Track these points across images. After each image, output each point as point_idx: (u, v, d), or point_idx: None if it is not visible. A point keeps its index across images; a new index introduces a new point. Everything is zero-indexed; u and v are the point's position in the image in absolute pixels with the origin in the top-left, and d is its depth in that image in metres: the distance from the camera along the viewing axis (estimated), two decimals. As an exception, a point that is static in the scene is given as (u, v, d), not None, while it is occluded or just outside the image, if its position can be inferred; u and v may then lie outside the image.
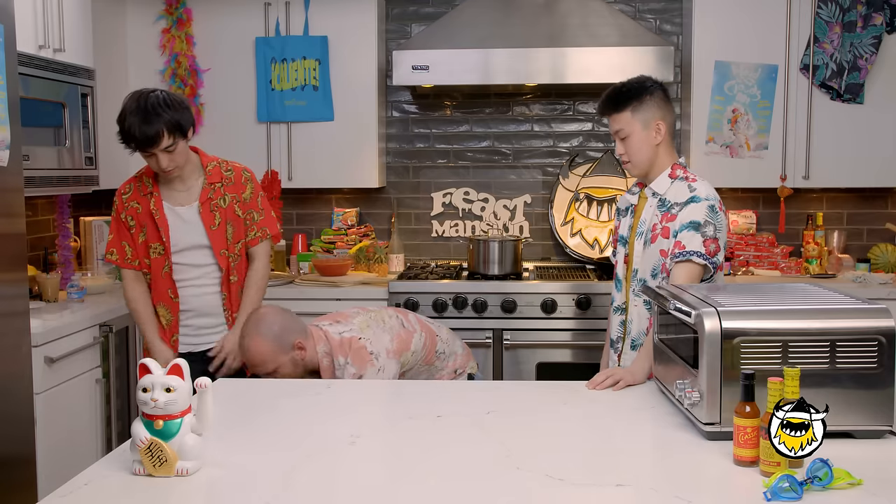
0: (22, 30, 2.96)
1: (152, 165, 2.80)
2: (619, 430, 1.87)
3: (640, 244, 2.52)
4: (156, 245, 2.88)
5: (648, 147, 2.50)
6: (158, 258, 2.89)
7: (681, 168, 2.52)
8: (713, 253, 2.36)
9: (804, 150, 4.07)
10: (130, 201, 2.90)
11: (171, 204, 2.89)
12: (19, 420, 2.64)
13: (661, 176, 2.51)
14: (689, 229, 2.38)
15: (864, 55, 3.95)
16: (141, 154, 2.77)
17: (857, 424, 1.75)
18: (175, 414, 1.58)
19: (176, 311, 2.91)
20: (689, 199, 2.43)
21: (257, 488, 1.55)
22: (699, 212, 2.39)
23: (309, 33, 4.15)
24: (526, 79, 3.92)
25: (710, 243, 2.36)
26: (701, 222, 2.38)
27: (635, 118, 2.49)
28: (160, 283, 2.91)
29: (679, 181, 2.49)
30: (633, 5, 4.42)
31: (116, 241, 2.93)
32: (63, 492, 1.53)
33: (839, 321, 1.76)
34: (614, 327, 2.64)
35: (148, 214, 2.87)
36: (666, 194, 2.49)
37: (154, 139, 2.70)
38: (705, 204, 2.40)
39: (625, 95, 2.50)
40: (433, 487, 1.55)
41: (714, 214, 2.39)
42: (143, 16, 4.21)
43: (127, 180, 2.96)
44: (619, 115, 2.50)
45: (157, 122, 2.69)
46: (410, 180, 4.57)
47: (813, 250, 4.19)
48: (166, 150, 2.74)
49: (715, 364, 1.73)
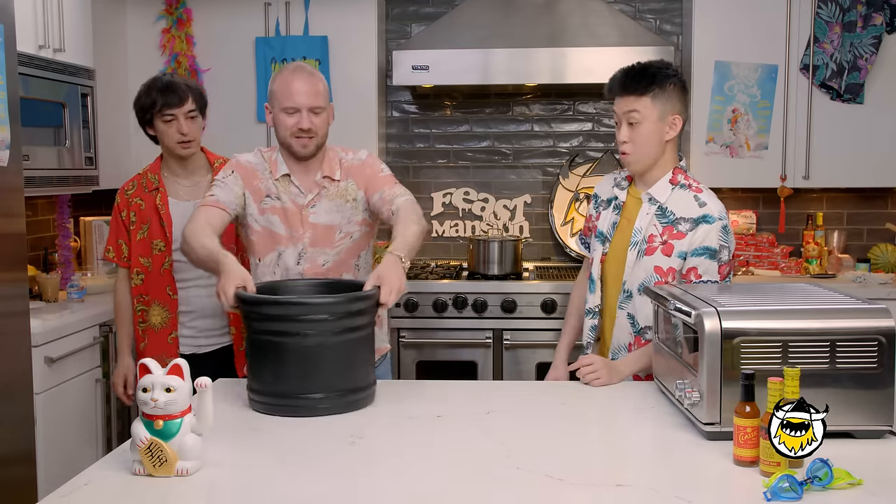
0: (22, 30, 2.95)
1: (170, 136, 2.79)
2: (618, 430, 1.87)
3: (634, 254, 2.33)
4: (157, 242, 2.84)
5: (658, 141, 2.29)
6: (159, 255, 2.85)
7: (682, 173, 2.33)
8: (725, 276, 2.27)
9: (804, 150, 4.07)
10: (134, 197, 2.88)
11: (177, 199, 2.87)
12: (19, 420, 2.64)
13: (662, 181, 2.32)
14: (705, 256, 2.24)
15: (864, 55, 3.95)
16: (161, 122, 2.79)
17: (857, 424, 1.75)
18: (175, 414, 1.58)
19: (174, 308, 2.85)
20: (700, 217, 2.26)
21: (257, 488, 1.55)
22: (713, 236, 2.24)
23: (309, 33, 4.15)
24: (526, 79, 3.92)
25: (724, 268, 2.26)
26: (717, 248, 2.24)
27: (655, 105, 2.26)
28: (157, 281, 2.86)
29: (681, 189, 2.31)
30: (633, 5, 4.42)
31: (113, 240, 2.92)
32: (63, 492, 1.52)
33: (839, 321, 1.76)
34: (586, 331, 2.50)
35: (153, 209, 2.84)
36: (667, 203, 2.30)
37: (182, 97, 2.76)
38: (719, 225, 2.24)
39: (649, 77, 2.27)
40: (433, 487, 1.55)
41: (727, 236, 2.26)
42: (143, 16, 4.21)
43: (130, 178, 2.96)
44: (640, 97, 2.26)
45: (181, 86, 2.79)
46: (410, 180, 4.57)
47: (813, 250, 4.19)
48: (189, 114, 2.78)
49: (715, 364, 1.73)
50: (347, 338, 2.00)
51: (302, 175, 2.49)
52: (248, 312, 2.02)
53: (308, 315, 1.96)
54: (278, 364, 1.97)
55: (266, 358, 1.99)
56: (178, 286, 2.86)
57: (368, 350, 2.09)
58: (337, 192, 2.51)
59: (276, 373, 1.98)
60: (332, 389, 1.98)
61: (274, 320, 1.97)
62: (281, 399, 1.98)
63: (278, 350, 1.96)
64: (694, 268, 2.26)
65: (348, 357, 2.00)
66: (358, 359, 2.04)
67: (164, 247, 2.84)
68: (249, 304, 2.01)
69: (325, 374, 1.97)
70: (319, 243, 2.49)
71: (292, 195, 2.48)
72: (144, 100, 2.80)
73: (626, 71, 2.32)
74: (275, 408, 1.98)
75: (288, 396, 1.97)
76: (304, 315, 1.96)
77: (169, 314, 2.87)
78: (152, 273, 2.86)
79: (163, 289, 2.86)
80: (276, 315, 1.97)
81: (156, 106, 2.77)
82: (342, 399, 1.99)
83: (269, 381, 1.99)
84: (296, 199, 2.48)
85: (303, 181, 2.49)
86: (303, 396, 1.96)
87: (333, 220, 2.50)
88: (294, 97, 2.39)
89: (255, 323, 2.01)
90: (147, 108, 2.80)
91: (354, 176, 2.53)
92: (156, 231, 2.84)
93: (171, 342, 2.87)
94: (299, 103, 2.40)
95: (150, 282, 2.87)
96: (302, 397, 1.96)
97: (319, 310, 1.97)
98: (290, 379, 1.97)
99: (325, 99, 2.45)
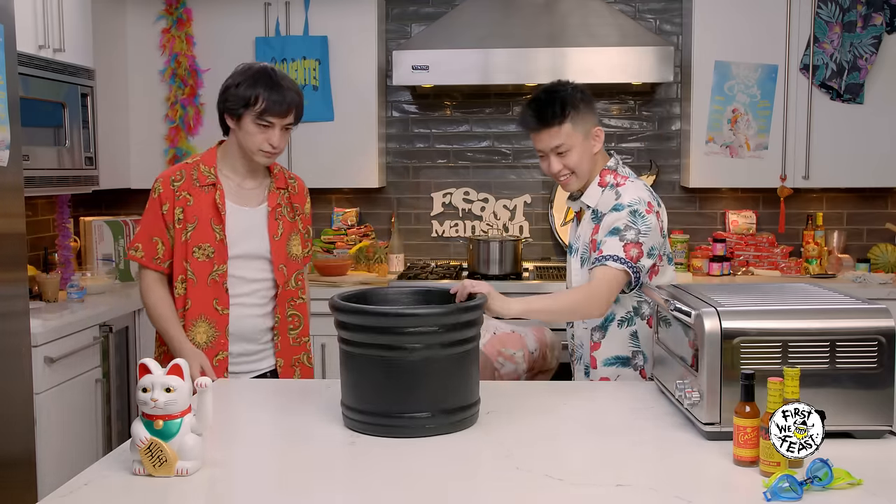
0: (22, 30, 2.96)
1: (256, 142, 2.40)
2: (618, 430, 1.87)
3: (577, 261, 2.39)
4: (205, 246, 2.41)
5: (590, 157, 2.32)
6: (206, 262, 2.41)
7: (610, 173, 2.35)
8: (635, 258, 2.21)
9: (804, 150, 4.07)
10: (182, 191, 2.42)
11: (235, 203, 2.47)
12: (19, 420, 2.64)
13: (592, 186, 2.35)
14: (608, 235, 2.24)
15: (864, 55, 3.95)
16: (252, 124, 2.38)
17: (857, 424, 1.75)
18: (175, 414, 1.58)
19: (223, 325, 2.43)
20: (611, 208, 2.27)
21: (257, 488, 1.55)
22: (619, 219, 2.24)
23: (309, 33, 4.15)
24: (526, 79, 3.92)
25: (630, 247, 2.21)
26: (621, 227, 2.23)
27: (576, 129, 2.27)
28: (204, 293, 2.41)
29: (608, 189, 2.33)
30: (633, 5, 4.42)
31: (145, 236, 2.45)
32: (63, 492, 1.53)
33: (839, 321, 1.76)
34: (568, 340, 2.54)
35: (207, 207, 2.42)
36: (598, 206, 2.33)
37: (289, 106, 2.40)
38: (626, 210, 2.24)
39: (560, 103, 2.25)
40: (433, 487, 1.55)
41: (636, 218, 2.23)
42: (143, 16, 4.21)
43: (174, 167, 2.50)
44: (560, 127, 2.25)
45: (291, 93, 2.42)
46: (410, 180, 4.57)
47: (813, 250, 4.19)
48: (286, 126, 2.44)
49: (715, 364, 1.73)
50: (455, 351, 1.83)
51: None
52: (345, 323, 1.84)
53: (416, 327, 1.78)
54: (378, 379, 1.80)
55: (363, 372, 1.82)
56: (233, 301, 2.45)
57: (475, 365, 1.92)
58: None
59: (376, 389, 1.81)
60: (438, 408, 1.80)
61: (376, 332, 1.79)
62: (381, 418, 1.80)
63: (379, 364, 1.79)
64: (600, 249, 2.24)
65: (456, 372, 1.84)
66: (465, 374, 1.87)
67: (213, 253, 2.41)
68: (346, 314, 1.83)
69: (430, 392, 1.80)
70: None
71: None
72: (245, 91, 2.38)
73: (534, 104, 2.29)
74: (376, 427, 1.81)
75: (390, 416, 1.80)
76: (411, 327, 1.78)
77: (216, 332, 2.43)
78: (198, 283, 2.42)
79: (209, 302, 2.43)
80: (378, 327, 1.79)
81: (256, 104, 2.38)
82: (448, 418, 1.82)
83: (368, 399, 1.81)
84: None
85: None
86: (407, 415, 1.79)
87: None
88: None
89: (352, 334, 1.83)
90: (244, 103, 2.39)
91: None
92: (205, 233, 2.42)
93: (216, 364, 2.44)
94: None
95: (193, 293, 2.42)
96: (406, 416, 1.79)
97: (428, 321, 1.79)
98: (391, 396, 1.79)
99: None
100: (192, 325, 2.42)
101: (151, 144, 4.24)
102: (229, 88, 2.42)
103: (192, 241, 2.41)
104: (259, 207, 2.50)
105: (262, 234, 2.48)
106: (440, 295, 2.04)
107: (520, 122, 2.37)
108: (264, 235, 2.48)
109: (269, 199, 2.51)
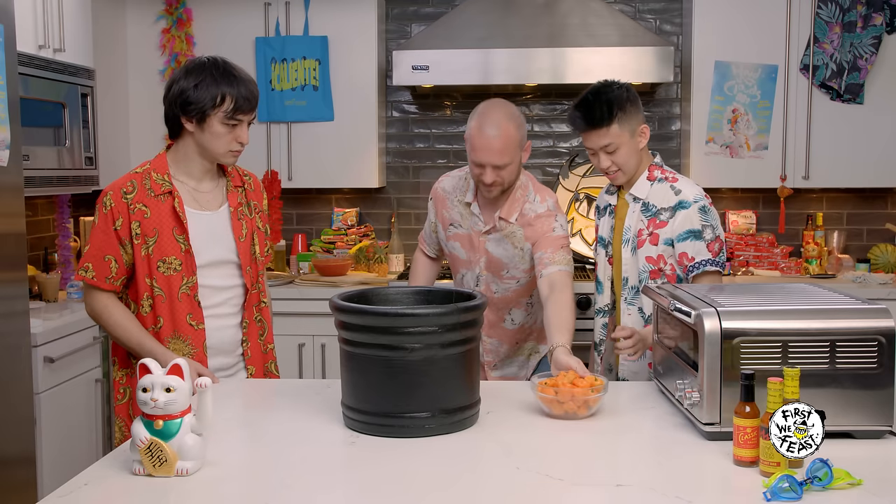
0: (22, 30, 2.96)
1: (224, 143, 2.25)
2: (618, 430, 1.87)
3: (628, 251, 2.47)
4: (170, 259, 2.23)
5: (636, 154, 2.43)
6: (174, 275, 2.24)
7: (658, 168, 2.47)
8: (718, 252, 2.39)
9: (804, 151, 4.07)
10: (136, 203, 2.23)
11: (194, 208, 2.30)
12: (19, 420, 2.64)
13: (640, 180, 2.46)
14: (690, 239, 2.37)
15: (864, 55, 3.95)
16: (220, 124, 2.22)
17: (856, 424, 1.75)
18: (175, 414, 1.58)
19: (200, 340, 2.27)
20: (677, 204, 2.40)
21: (257, 488, 1.55)
22: (693, 218, 2.38)
23: (309, 33, 4.15)
24: (526, 79, 3.92)
25: (713, 245, 2.38)
26: (699, 229, 2.37)
27: (623, 128, 2.38)
28: (175, 309, 2.24)
29: (659, 183, 2.44)
30: (633, 5, 4.42)
31: (96, 254, 2.24)
32: (63, 492, 1.53)
33: (839, 321, 1.75)
34: (597, 329, 2.61)
35: (167, 218, 2.24)
36: (648, 198, 2.44)
37: (256, 99, 2.29)
38: (695, 207, 2.38)
39: (608, 105, 2.36)
40: (433, 487, 1.55)
41: (706, 215, 2.39)
42: (143, 16, 4.21)
43: (123, 177, 2.29)
44: (608, 128, 2.36)
45: (251, 84, 2.29)
46: (410, 180, 4.57)
47: (813, 250, 4.19)
48: (251, 121, 2.32)
49: (715, 364, 1.73)
50: (455, 351, 1.83)
51: (485, 207, 2.64)
52: (346, 323, 1.83)
53: (416, 327, 1.77)
54: (378, 379, 1.80)
55: (364, 372, 1.81)
56: (206, 313, 2.29)
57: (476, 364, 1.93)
58: (507, 233, 2.62)
59: (376, 389, 1.80)
60: (438, 408, 1.81)
61: (377, 332, 1.79)
62: (382, 418, 1.81)
63: (379, 364, 1.79)
64: (684, 253, 2.38)
65: (457, 372, 1.84)
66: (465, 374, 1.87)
67: (181, 266, 2.24)
68: (347, 314, 1.82)
69: (430, 391, 1.80)
70: (492, 270, 2.66)
71: (472, 223, 2.66)
72: (208, 91, 2.20)
73: (582, 106, 2.40)
74: (376, 427, 1.81)
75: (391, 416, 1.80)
76: (412, 327, 1.77)
77: (193, 349, 2.26)
78: (167, 299, 2.25)
79: (183, 318, 2.26)
80: (378, 327, 1.78)
81: (224, 104, 2.21)
82: (448, 418, 1.82)
83: (368, 399, 1.81)
84: (474, 227, 2.65)
85: (484, 212, 2.64)
86: (408, 415, 1.80)
87: (502, 257, 2.64)
88: (479, 155, 2.48)
89: (353, 334, 1.82)
90: (211, 103, 2.21)
91: (526, 227, 2.61)
92: (168, 245, 2.24)
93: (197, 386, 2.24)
94: (484, 161, 2.48)
95: (162, 310, 2.24)
96: (407, 416, 1.80)
97: (428, 321, 1.79)
98: (392, 396, 1.79)
99: (512, 154, 2.48)
100: (166, 344, 2.24)
101: (151, 144, 4.23)
102: (185, 91, 2.21)
103: (156, 255, 2.23)
104: (220, 210, 2.34)
105: (227, 238, 2.33)
106: (440, 295, 2.05)
107: (569, 122, 2.50)
108: (230, 238, 2.33)
109: (230, 199, 2.36)
